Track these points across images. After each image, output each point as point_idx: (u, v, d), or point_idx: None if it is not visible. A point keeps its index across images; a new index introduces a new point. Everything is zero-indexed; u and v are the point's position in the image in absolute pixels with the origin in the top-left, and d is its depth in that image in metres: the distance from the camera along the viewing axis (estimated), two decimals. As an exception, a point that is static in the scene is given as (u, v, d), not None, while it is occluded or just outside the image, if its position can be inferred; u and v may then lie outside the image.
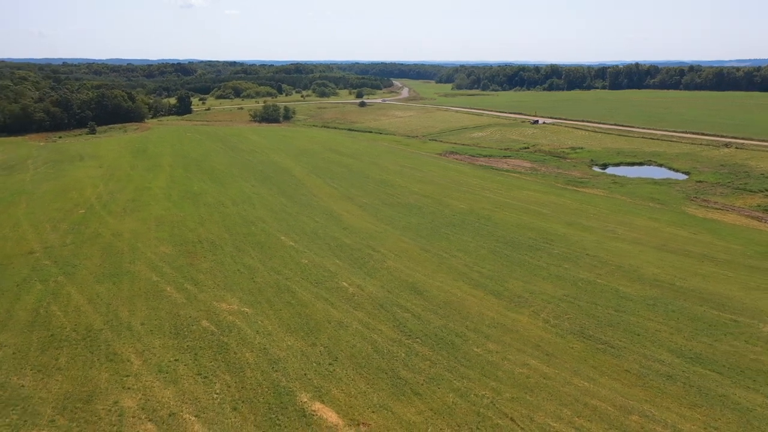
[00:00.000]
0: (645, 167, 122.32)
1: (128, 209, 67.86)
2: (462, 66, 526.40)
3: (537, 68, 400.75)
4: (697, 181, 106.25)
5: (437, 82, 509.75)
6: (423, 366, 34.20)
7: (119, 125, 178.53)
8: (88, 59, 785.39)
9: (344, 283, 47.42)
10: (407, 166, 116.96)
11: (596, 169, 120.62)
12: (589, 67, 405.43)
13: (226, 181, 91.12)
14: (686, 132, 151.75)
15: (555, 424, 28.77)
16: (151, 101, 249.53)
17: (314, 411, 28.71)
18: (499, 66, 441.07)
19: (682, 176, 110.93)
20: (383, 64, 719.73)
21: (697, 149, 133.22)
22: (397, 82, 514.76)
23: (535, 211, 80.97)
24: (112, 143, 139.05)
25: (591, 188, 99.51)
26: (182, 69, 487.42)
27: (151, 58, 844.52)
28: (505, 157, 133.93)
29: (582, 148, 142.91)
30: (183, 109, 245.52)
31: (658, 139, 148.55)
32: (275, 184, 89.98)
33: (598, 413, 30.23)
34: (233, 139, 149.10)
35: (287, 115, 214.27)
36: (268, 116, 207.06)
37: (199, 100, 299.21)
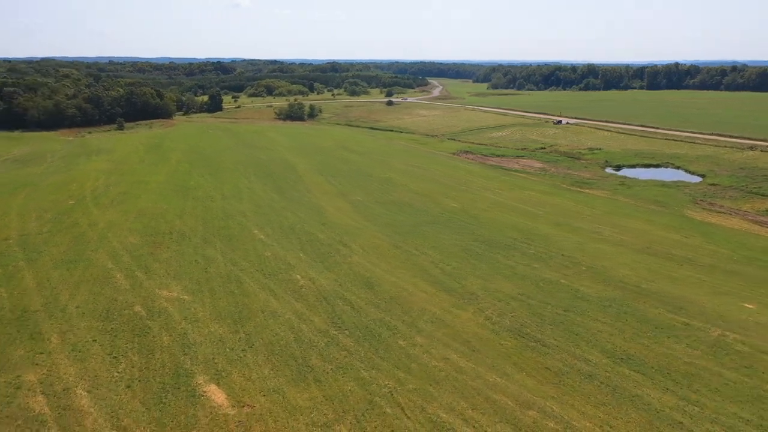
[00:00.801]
0: (661, 169, 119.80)
1: (116, 201, 71.17)
2: (500, 65, 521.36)
3: (574, 68, 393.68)
4: (710, 184, 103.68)
5: (474, 82, 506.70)
6: (338, 356, 35.35)
7: (146, 121, 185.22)
8: (140, 58, 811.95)
9: (297, 276, 48.91)
10: (415, 165, 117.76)
11: (609, 170, 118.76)
12: (627, 67, 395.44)
13: (226, 176, 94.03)
14: (713, 134, 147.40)
15: (445, 415, 29.49)
16: (184, 98, 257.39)
17: (204, 392, 30.25)
18: (536, 65, 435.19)
19: (696, 179, 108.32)
20: (422, 63, 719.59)
21: (720, 151, 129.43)
22: (434, 82, 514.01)
23: (528, 212, 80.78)
24: (132, 139, 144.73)
25: (596, 189, 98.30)
26: (222, 68, 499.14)
27: (199, 57, 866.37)
28: (518, 157, 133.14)
29: (600, 149, 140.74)
30: (214, 106, 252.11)
31: (682, 141, 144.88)
32: (274, 180, 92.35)
33: (496, 407, 30.77)
34: (251, 136, 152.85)
35: (312, 114, 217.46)
36: (293, 114, 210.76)
37: (232, 98, 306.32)
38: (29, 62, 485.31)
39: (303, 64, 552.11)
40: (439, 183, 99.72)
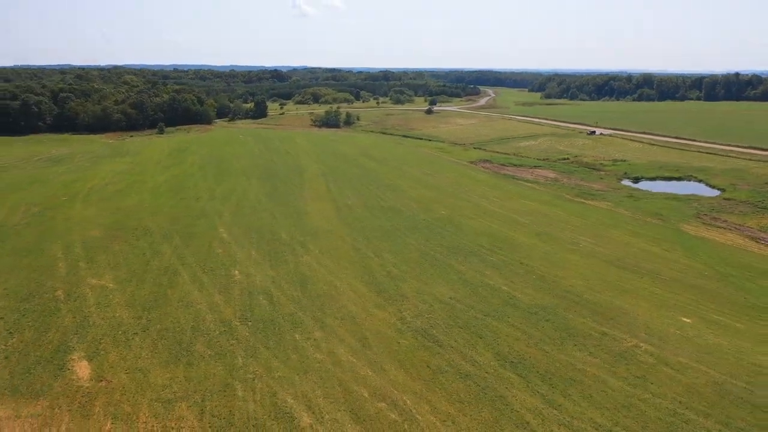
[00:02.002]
0: (681, 182, 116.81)
1: (104, 199, 76.91)
2: (556, 74, 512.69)
3: (629, 77, 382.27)
4: (725, 198, 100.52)
5: (529, 91, 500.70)
6: (224, 344, 38.12)
7: (186, 126, 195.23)
8: (211, 66, 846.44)
9: (236, 272, 52.13)
10: (427, 172, 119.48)
11: (625, 182, 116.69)
12: (684, 77, 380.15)
13: (228, 178, 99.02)
14: (750, 147, 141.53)
15: (291, 401, 31.68)
16: (232, 105, 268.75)
17: (72, 367, 33.63)
18: (590, 75, 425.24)
19: (714, 193, 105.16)
20: (480, 72, 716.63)
21: (750, 165, 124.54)
22: (490, 91, 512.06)
23: (514, 221, 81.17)
24: (164, 142, 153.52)
25: (599, 201, 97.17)
26: (278, 76, 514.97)
27: (266, 65, 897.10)
28: (535, 167, 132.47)
29: (625, 160, 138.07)
30: (258, 113, 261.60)
31: (715, 154, 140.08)
32: (273, 184, 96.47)
33: (348, 397, 32.67)
34: (278, 142, 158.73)
35: (349, 121, 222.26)
36: (329, 121, 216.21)
37: (280, 105, 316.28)
38: (101, 69, 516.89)
39: (357, 72, 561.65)
40: (439, 190, 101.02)
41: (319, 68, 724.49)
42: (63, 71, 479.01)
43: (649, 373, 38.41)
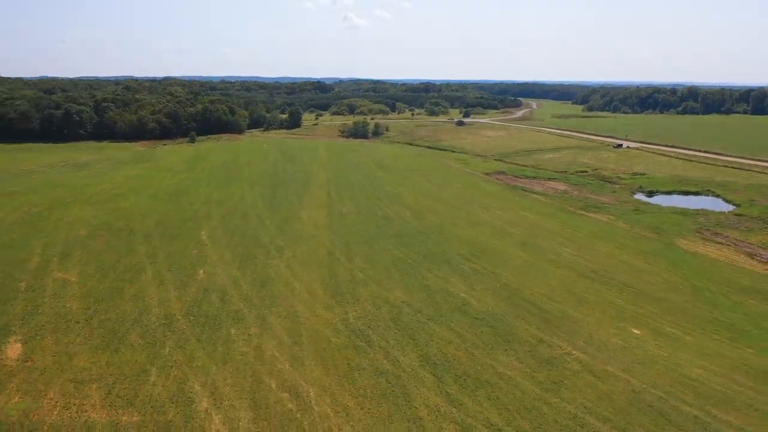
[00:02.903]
0: (697, 197, 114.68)
1: (103, 201, 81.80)
2: (601, 87, 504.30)
3: (674, 90, 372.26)
4: (736, 214, 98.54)
5: (573, 103, 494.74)
6: (158, 336, 40.92)
7: (217, 136, 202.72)
8: (262, 77, 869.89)
9: (201, 271, 55.22)
10: (434, 182, 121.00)
11: (638, 196, 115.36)
12: (732, 90, 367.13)
13: (233, 184, 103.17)
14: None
15: (198, 387, 34.07)
16: (269, 115, 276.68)
17: (4, 348, 36.93)
18: (634, 87, 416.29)
19: (728, 208, 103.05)
20: (525, 84, 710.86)
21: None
22: (533, 103, 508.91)
23: (504, 231, 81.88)
24: (188, 150, 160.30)
25: (602, 214, 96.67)
26: (320, 87, 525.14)
27: (314, 76, 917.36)
28: (549, 179, 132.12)
29: (644, 174, 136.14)
30: (292, 123, 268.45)
31: (740, 169, 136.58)
32: (276, 191, 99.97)
33: (256, 387, 34.84)
34: (297, 151, 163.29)
35: (377, 132, 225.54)
36: (357, 132, 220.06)
37: (316, 116, 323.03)
38: (152, 80, 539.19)
39: (399, 84, 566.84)
40: (441, 200, 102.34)
41: (365, 80, 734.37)
42: (118, 82, 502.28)
43: (568, 379, 39.03)
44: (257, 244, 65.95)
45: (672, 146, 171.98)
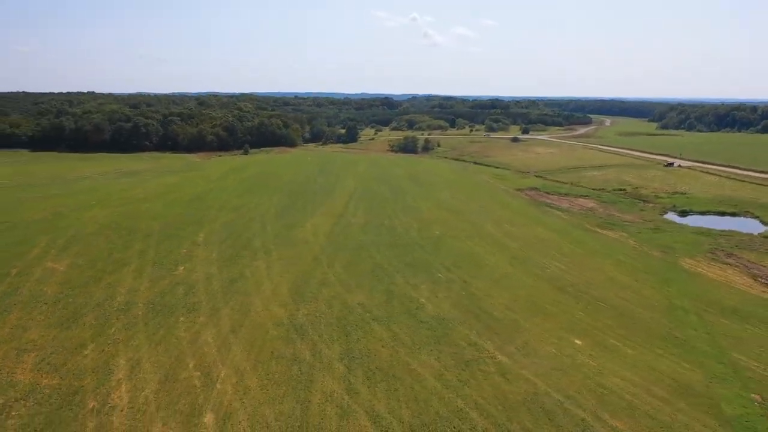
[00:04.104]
0: (732, 218, 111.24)
1: (125, 204, 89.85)
2: (680, 104, 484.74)
3: (754, 108, 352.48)
4: (764, 236, 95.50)
5: (649, 121, 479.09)
6: (113, 318, 46.19)
7: (269, 148, 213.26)
8: (344, 93, 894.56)
9: (181, 268, 60.79)
10: (459, 197, 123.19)
11: (669, 215, 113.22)
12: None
13: (255, 193, 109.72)
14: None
15: (123, 362, 39.02)
16: (327, 130, 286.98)
17: None
18: (712, 104, 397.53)
19: (762, 229, 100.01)
20: (602, 101, 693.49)
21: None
22: (607, 120, 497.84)
23: (502, 244, 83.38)
24: (235, 161, 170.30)
25: (617, 231, 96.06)
26: (387, 103, 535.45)
27: (393, 92, 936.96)
28: (580, 196, 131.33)
29: (684, 194, 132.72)
30: (349, 138, 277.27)
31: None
32: (295, 200, 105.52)
33: (174, 364, 39.30)
34: (337, 165, 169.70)
35: (427, 147, 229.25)
36: (406, 147, 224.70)
37: (376, 131, 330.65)
38: (230, 96, 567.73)
39: (467, 100, 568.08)
40: (456, 213, 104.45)
41: (437, 96, 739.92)
42: (200, 97, 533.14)
43: (476, 379, 41.12)
44: (247, 247, 71.08)
45: (729, 166, 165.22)
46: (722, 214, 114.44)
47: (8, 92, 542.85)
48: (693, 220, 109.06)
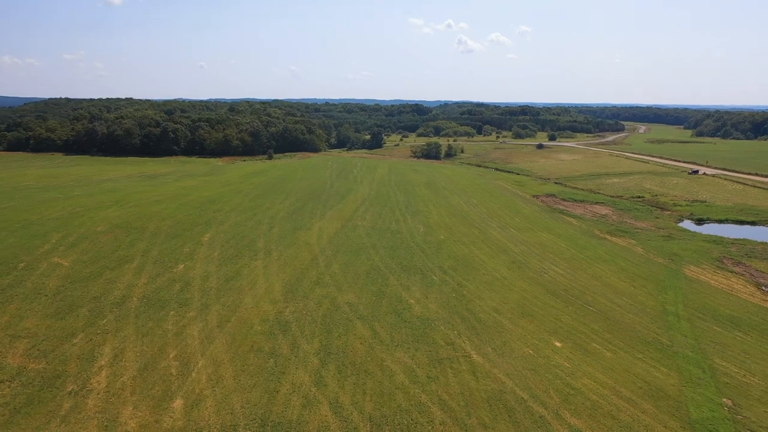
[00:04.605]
0: (750, 227, 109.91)
1: (138, 205, 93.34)
2: (716, 111, 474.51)
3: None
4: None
5: (685, 128, 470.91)
6: (107, 311, 48.82)
7: (293, 153, 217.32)
8: (376, 100, 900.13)
9: (181, 266, 63.35)
10: (472, 202, 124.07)
11: (683, 223, 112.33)
12: None
13: (268, 196, 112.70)
14: None
15: (108, 351, 41.63)
16: (353, 136, 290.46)
17: None
18: (750, 112, 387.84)
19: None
20: (638, 108, 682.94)
21: None
22: (642, 127, 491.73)
23: (503, 249, 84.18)
24: (257, 165, 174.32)
25: (626, 239, 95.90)
26: (417, 109, 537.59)
27: (428, 99, 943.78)
28: (596, 203, 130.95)
29: (705, 201, 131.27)
30: (374, 143, 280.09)
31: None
32: (306, 204, 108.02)
33: (156, 353, 41.68)
34: (356, 169, 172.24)
35: (450, 153, 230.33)
36: (429, 153, 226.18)
37: (402, 137, 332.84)
38: (263, 102, 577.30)
39: (493, 107, 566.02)
40: (464, 218, 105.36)
41: (469, 102, 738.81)
42: (234, 103, 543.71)
43: (445, 376, 42.37)
44: (249, 248, 73.55)
45: (757, 174, 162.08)
46: (741, 222, 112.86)
47: (51, 98, 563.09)
48: (709, 229, 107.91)
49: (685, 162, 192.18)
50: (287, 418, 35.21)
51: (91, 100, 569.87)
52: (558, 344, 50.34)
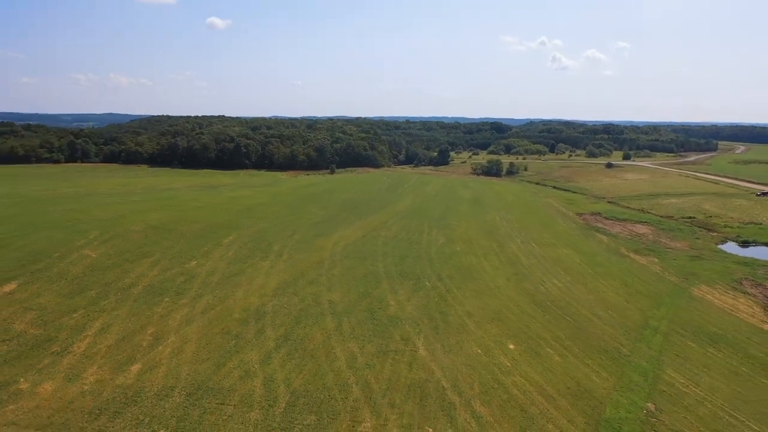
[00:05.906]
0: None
1: (179, 210, 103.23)
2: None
3: None
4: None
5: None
6: (111, 294, 57.53)
7: (354, 168, 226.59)
8: (464, 117, 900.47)
9: (194, 263, 71.39)
10: (508, 218, 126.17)
11: (725, 245, 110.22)
12: None
13: (305, 206, 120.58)
14: None
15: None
16: (420, 153, 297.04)
17: (3, 286, 55.96)
18: None
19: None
20: (736, 126, 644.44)
21: None
22: (740, 146, 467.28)
23: (513, 262, 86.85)
24: (315, 179, 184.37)
25: (650, 257, 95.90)
26: (496, 127, 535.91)
27: (516, 117, 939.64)
28: (639, 222, 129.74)
29: (760, 224, 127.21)
30: (440, 160, 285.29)
31: None
32: (339, 214, 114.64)
33: (137, 336, 49.73)
34: (406, 185, 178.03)
35: (511, 171, 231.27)
36: (489, 170, 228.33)
37: (471, 154, 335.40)
38: (347, 119, 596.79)
39: (573, 125, 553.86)
40: (490, 233, 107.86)
41: (558, 120, 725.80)
42: (316, 121, 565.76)
43: (382, 365, 46.78)
44: (265, 249, 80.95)
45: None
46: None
47: (154, 115, 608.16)
48: (751, 252, 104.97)
49: (759, 183, 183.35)
50: (221, 385, 41.29)
51: (188, 117, 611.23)
52: (511, 347, 53.40)
